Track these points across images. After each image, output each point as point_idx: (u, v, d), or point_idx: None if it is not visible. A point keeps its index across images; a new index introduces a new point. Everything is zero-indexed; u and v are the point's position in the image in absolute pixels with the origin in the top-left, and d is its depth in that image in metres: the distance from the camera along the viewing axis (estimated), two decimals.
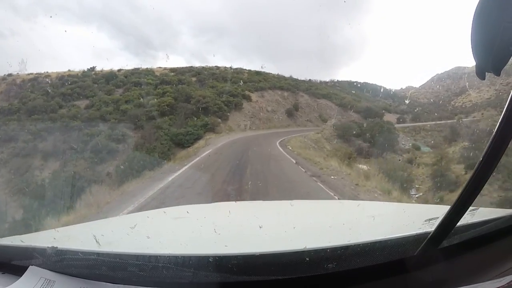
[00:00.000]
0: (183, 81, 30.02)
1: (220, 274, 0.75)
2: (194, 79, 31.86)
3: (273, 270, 0.76)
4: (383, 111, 36.12)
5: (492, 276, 0.77)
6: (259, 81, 34.25)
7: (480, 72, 0.56)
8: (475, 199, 0.65)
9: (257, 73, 36.43)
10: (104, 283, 0.79)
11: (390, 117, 34.05)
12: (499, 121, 0.55)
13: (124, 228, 1.24)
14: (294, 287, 0.78)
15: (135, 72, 30.88)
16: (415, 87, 47.51)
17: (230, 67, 36.33)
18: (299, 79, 39.62)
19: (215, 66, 36.20)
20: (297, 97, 36.48)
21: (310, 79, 40.83)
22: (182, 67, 34.82)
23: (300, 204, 1.92)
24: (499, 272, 0.77)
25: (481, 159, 0.59)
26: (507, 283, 0.73)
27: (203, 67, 35.51)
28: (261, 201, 2.38)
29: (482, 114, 31.79)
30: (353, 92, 42.12)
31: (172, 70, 33.32)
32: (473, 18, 0.54)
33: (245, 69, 36.78)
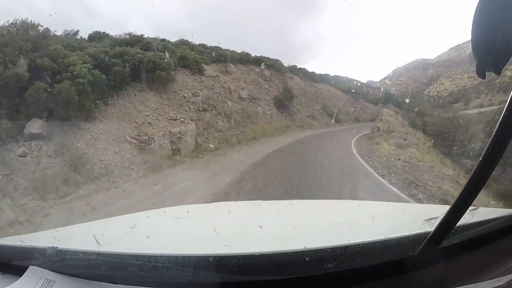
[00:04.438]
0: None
1: (220, 274, 0.75)
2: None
3: (273, 270, 0.76)
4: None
5: (492, 276, 0.77)
6: (218, 49, 18.99)
7: (481, 71, 0.56)
8: (475, 199, 0.65)
9: (216, 48, 19.56)
10: (104, 283, 0.79)
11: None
12: (499, 121, 0.55)
13: (124, 228, 1.24)
14: (294, 287, 0.78)
15: None
16: (376, 81, 46.81)
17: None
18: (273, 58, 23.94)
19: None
20: (284, 79, 23.06)
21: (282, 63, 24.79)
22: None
23: (300, 204, 1.92)
24: (499, 272, 0.77)
25: (481, 159, 0.59)
26: (507, 282, 0.73)
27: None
28: (261, 201, 2.39)
29: (490, 100, 31.65)
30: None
31: None
32: (473, 18, 0.54)
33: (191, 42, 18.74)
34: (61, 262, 0.81)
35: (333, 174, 7.37)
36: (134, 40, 12.69)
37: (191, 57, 14.20)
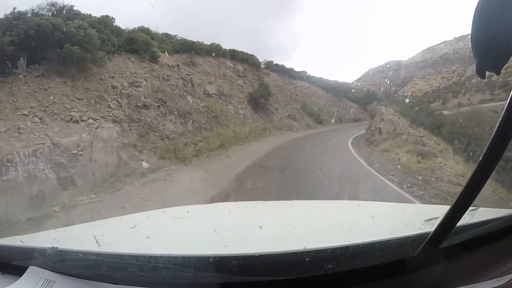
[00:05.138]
0: None
1: (220, 275, 0.75)
2: None
3: (273, 271, 0.76)
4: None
5: (492, 276, 0.77)
6: (185, 40, 16.02)
7: (481, 71, 0.56)
8: (475, 199, 0.64)
9: (183, 39, 16.34)
10: (104, 283, 0.79)
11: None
12: (499, 120, 0.55)
13: (124, 228, 1.24)
14: (294, 287, 0.78)
15: None
16: (349, 82, 47.52)
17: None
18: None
19: None
20: (260, 75, 20.79)
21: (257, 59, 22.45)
22: None
23: (300, 205, 1.91)
24: (499, 273, 0.77)
25: (481, 158, 0.59)
26: (507, 282, 0.73)
27: None
28: (261, 202, 2.39)
29: (469, 99, 32.34)
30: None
31: None
32: (473, 18, 0.54)
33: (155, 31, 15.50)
34: (61, 262, 0.81)
35: None
36: (59, 12, 9.07)
37: (141, 40, 11.02)
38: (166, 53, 12.79)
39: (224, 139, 10.95)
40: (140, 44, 10.87)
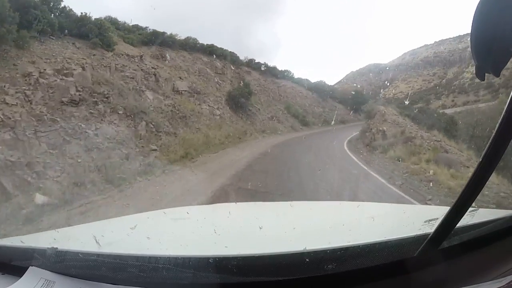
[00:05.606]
0: None
1: (220, 275, 0.75)
2: None
3: (273, 271, 0.76)
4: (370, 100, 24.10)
5: (492, 277, 0.77)
6: (156, 32, 14.71)
7: (480, 72, 0.56)
8: (475, 200, 0.65)
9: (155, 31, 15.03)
10: (104, 284, 0.79)
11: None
12: (499, 121, 0.55)
13: (124, 228, 1.24)
14: None
15: None
16: (332, 84, 46.94)
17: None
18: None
19: None
20: (240, 73, 19.32)
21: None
22: None
23: (300, 205, 1.91)
24: (499, 273, 0.77)
25: (480, 159, 0.59)
26: (507, 284, 0.73)
27: None
28: (261, 202, 2.39)
29: (453, 100, 32.58)
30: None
31: None
32: (473, 18, 0.54)
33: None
34: (61, 263, 0.81)
35: None
36: None
37: (92, 22, 9.53)
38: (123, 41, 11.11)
39: (192, 146, 8.51)
40: (91, 27, 9.12)
